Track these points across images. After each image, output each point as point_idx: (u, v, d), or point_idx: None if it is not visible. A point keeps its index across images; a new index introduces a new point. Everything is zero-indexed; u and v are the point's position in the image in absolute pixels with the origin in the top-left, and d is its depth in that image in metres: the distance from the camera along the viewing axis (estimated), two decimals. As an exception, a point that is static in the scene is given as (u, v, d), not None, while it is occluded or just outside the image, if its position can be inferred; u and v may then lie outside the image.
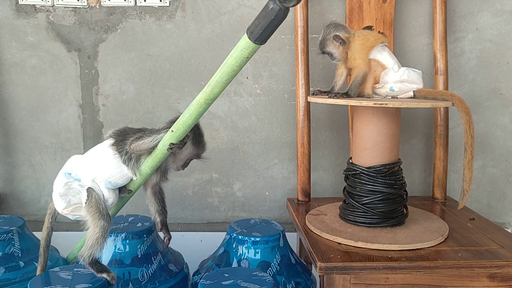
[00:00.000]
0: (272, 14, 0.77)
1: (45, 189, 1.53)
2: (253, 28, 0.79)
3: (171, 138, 0.95)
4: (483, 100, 1.48)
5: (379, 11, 1.37)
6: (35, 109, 1.49)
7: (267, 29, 0.78)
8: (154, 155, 0.98)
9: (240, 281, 0.92)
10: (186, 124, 0.93)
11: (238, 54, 0.83)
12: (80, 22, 1.45)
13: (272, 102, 1.49)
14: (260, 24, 0.78)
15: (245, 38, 0.81)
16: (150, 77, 1.48)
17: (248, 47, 0.81)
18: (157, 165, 1.00)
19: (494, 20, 1.45)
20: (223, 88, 0.88)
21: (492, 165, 1.52)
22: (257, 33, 0.79)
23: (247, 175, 1.53)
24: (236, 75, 0.86)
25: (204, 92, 0.89)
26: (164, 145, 0.96)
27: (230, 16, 1.45)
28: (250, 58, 0.83)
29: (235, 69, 0.84)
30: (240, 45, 0.82)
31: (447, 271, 0.97)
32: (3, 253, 1.10)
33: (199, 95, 0.91)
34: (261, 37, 0.79)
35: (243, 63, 0.84)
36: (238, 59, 0.83)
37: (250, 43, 0.80)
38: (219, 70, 0.86)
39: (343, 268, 0.95)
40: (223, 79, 0.86)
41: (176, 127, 0.94)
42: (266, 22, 0.77)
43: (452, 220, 1.21)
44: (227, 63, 0.85)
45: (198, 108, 0.91)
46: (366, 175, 1.11)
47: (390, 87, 1.10)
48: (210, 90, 0.88)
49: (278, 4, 0.75)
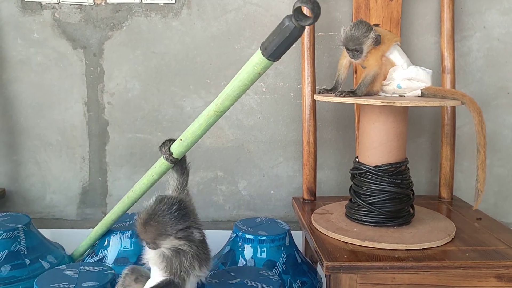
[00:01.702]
0: (287, 32, 0.75)
1: (50, 187, 1.53)
2: (267, 44, 0.77)
3: (179, 146, 0.94)
4: (491, 99, 1.47)
5: (386, 9, 1.36)
6: (40, 106, 1.49)
7: (281, 47, 0.76)
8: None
9: (247, 280, 0.91)
10: (195, 135, 0.92)
11: (251, 69, 0.81)
12: (85, 20, 1.45)
13: (278, 101, 1.49)
14: (274, 41, 0.76)
15: (259, 53, 0.79)
16: (155, 75, 1.48)
17: (261, 63, 0.80)
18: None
19: (502, 18, 1.44)
20: (234, 102, 0.87)
21: (499, 164, 1.51)
22: (270, 49, 0.77)
23: (252, 173, 1.52)
24: (247, 89, 0.84)
25: (214, 104, 0.88)
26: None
27: (236, 14, 1.44)
28: (263, 73, 0.82)
29: (246, 84, 0.83)
30: (253, 60, 0.81)
31: (455, 271, 0.96)
32: (9, 250, 1.10)
33: (209, 106, 0.90)
34: (274, 53, 0.78)
35: (255, 79, 0.82)
36: (251, 74, 0.82)
37: (263, 59, 0.79)
38: (230, 83, 0.85)
39: (349, 267, 0.95)
40: (234, 93, 0.85)
41: (185, 136, 0.93)
42: (281, 39, 0.76)
43: (459, 220, 1.20)
44: (239, 77, 0.83)
45: (208, 119, 0.90)
46: (372, 174, 1.10)
47: (397, 84, 1.09)
48: (221, 103, 0.87)
49: (294, 22, 0.73)
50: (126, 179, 1.52)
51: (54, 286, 0.89)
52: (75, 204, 1.54)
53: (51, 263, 1.15)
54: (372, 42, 1.07)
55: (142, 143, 1.51)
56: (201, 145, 1.50)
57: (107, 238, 1.19)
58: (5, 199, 1.52)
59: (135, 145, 1.51)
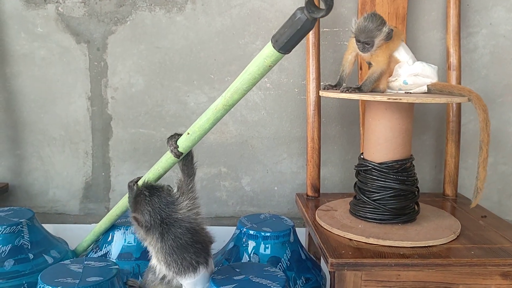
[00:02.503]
0: (299, 24, 0.74)
1: (54, 181, 1.53)
2: (278, 37, 0.76)
3: (186, 140, 0.93)
4: (496, 97, 1.46)
5: (392, 5, 1.35)
6: (44, 101, 1.49)
7: (292, 39, 0.75)
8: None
9: (251, 276, 0.91)
10: (203, 128, 0.91)
11: (261, 62, 0.80)
12: (89, 14, 1.44)
13: (282, 97, 1.48)
14: (285, 33, 0.75)
15: (269, 46, 0.78)
16: (159, 70, 1.47)
17: (272, 56, 0.78)
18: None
19: (508, 15, 1.43)
20: (243, 95, 0.85)
21: (503, 162, 1.50)
22: (281, 42, 0.76)
23: (255, 169, 1.52)
24: (256, 83, 0.83)
25: (223, 97, 0.87)
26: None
27: (240, 9, 1.44)
28: (273, 67, 0.81)
29: (256, 77, 0.82)
30: (263, 53, 0.79)
31: (460, 268, 0.96)
32: (13, 245, 1.10)
33: (217, 99, 0.89)
34: (285, 46, 0.76)
35: (265, 72, 0.81)
36: (261, 67, 0.80)
37: (274, 52, 0.78)
38: (240, 77, 0.84)
39: (354, 264, 0.94)
40: (243, 86, 0.83)
41: (192, 130, 0.93)
42: (292, 31, 0.74)
43: (463, 218, 1.20)
44: (249, 70, 0.82)
45: (216, 113, 0.89)
46: (377, 171, 1.09)
47: (404, 80, 1.08)
48: (230, 96, 0.86)
49: (306, 14, 0.72)
50: (129, 174, 1.52)
51: (59, 281, 0.88)
52: (78, 199, 1.54)
53: (54, 258, 1.15)
54: (384, 37, 1.05)
55: (145, 138, 1.50)
56: (205, 141, 1.50)
57: (111, 233, 1.19)
58: (8, 193, 1.52)
59: (138, 140, 1.50)
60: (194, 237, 0.91)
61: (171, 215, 0.90)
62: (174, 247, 0.89)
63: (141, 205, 0.90)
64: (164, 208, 0.90)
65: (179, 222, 0.90)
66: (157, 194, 0.91)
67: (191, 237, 0.90)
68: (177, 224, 0.90)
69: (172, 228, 0.89)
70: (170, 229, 0.89)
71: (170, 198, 0.91)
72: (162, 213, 0.89)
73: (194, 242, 0.91)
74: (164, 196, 0.91)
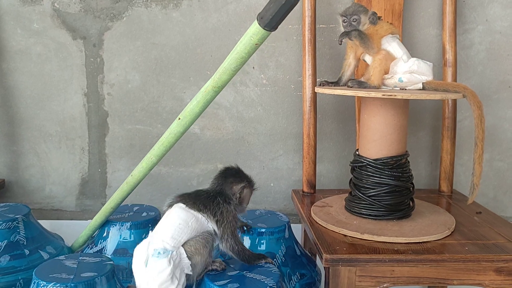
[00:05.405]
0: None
1: (50, 178, 1.53)
2: (264, 13, 0.77)
3: (178, 125, 0.94)
4: (492, 93, 1.47)
5: (388, 2, 1.35)
6: (40, 97, 1.49)
7: (277, 15, 0.76)
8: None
9: (246, 272, 0.91)
10: (194, 112, 0.92)
11: (248, 40, 0.81)
12: (85, 10, 1.44)
13: (278, 93, 1.48)
14: (270, 9, 0.76)
15: (255, 24, 0.79)
16: (155, 66, 1.47)
17: (258, 33, 0.79)
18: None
19: (504, 12, 1.43)
20: (232, 76, 0.86)
21: (499, 158, 1.50)
22: (267, 18, 0.77)
23: (252, 166, 1.52)
24: (244, 62, 0.84)
25: (212, 79, 0.88)
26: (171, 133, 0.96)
27: (236, 5, 1.43)
28: (260, 45, 0.81)
29: (243, 56, 0.83)
30: (250, 31, 0.80)
31: (454, 264, 0.96)
32: (8, 241, 1.10)
33: (207, 82, 0.89)
34: (271, 23, 0.77)
35: (252, 50, 0.82)
36: (247, 45, 0.81)
37: (260, 29, 0.79)
38: (228, 57, 0.85)
39: (349, 260, 0.95)
40: (231, 66, 0.84)
41: (183, 114, 0.93)
42: (277, 7, 0.75)
43: (458, 214, 1.20)
44: (236, 50, 0.83)
45: (206, 95, 0.89)
46: (372, 167, 1.10)
47: (399, 78, 1.08)
48: (218, 77, 0.87)
49: None
50: (125, 170, 1.52)
51: (53, 276, 0.89)
52: (74, 195, 1.54)
53: (50, 254, 1.15)
54: (369, 18, 1.10)
55: (141, 134, 1.50)
56: (201, 137, 1.50)
57: (106, 229, 1.19)
58: (5, 189, 1.52)
59: (134, 136, 1.50)
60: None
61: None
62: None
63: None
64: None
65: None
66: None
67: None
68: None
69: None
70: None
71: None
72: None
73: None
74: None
